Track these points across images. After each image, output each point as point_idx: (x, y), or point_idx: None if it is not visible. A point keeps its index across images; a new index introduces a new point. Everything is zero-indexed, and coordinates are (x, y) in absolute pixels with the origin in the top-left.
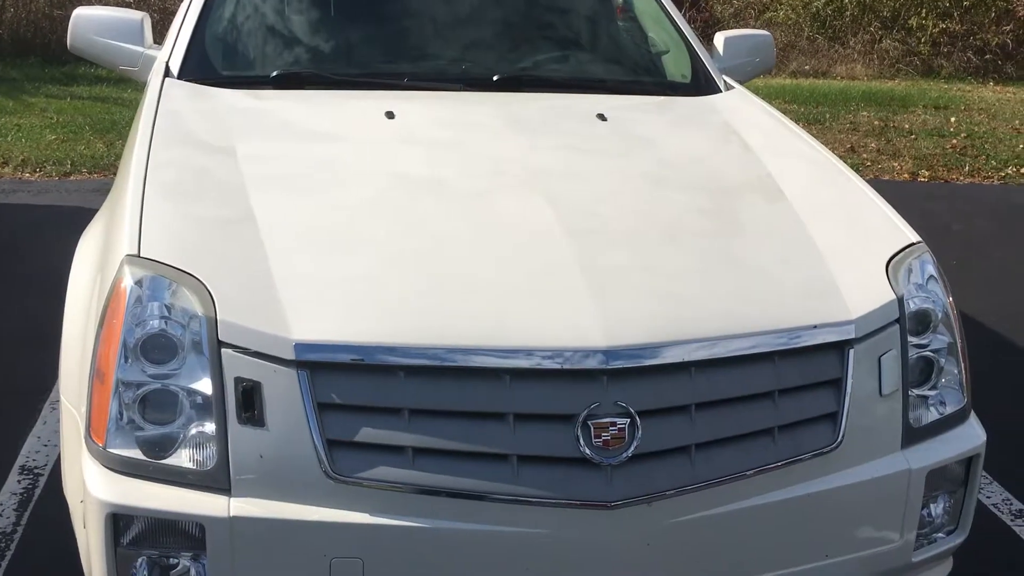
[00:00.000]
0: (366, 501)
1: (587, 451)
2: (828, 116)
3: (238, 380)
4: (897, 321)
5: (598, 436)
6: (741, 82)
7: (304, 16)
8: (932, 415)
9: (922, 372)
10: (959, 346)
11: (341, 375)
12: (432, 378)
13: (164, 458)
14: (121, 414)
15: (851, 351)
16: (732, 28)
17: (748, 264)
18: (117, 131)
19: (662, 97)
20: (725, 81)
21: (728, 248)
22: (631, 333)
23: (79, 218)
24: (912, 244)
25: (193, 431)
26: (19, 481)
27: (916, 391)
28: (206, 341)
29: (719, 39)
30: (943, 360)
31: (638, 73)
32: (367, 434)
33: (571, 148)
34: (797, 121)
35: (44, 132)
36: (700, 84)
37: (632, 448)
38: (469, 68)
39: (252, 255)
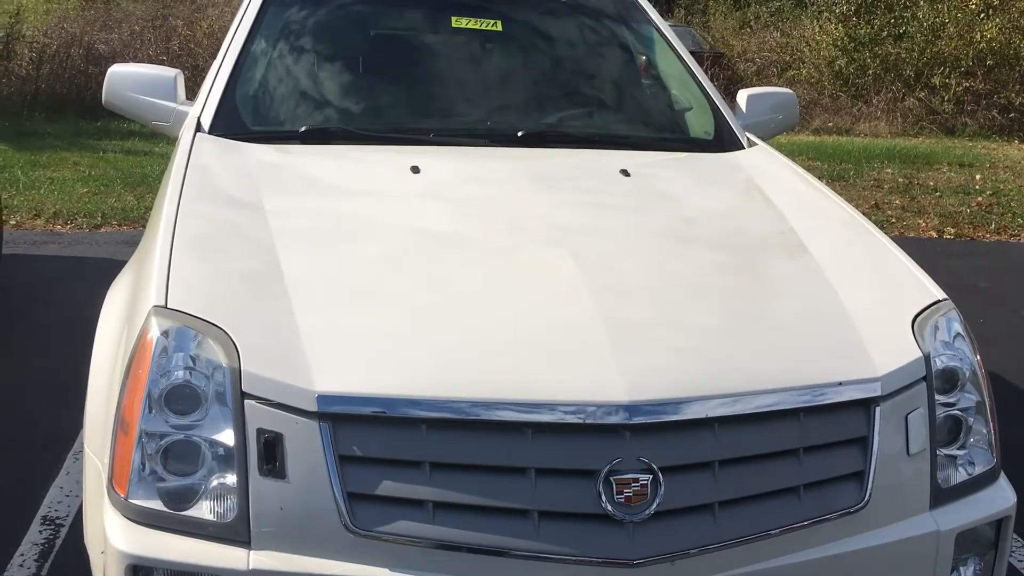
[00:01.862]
0: (386, 555)
1: (609, 507)
2: (852, 173)
3: (260, 431)
4: (924, 379)
5: (620, 492)
6: (764, 139)
7: (332, 74)
8: (961, 475)
9: (950, 431)
10: (988, 405)
11: (362, 428)
12: (453, 432)
13: (185, 510)
14: (144, 465)
15: (877, 409)
16: (755, 86)
17: (772, 321)
18: (147, 184)
19: (685, 154)
20: (748, 138)
21: (752, 305)
22: (654, 388)
23: (107, 269)
24: (938, 301)
25: (214, 483)
26: (40, 531)
27: (944, 450)
28: (229, 392)
29: (742, 96)
30: (971, 419)
31: (661, 130)
32: (388, 487)
33: (594, 204)
34: (821, 178)
35: (76, 185)
36: (723, 141)
37: (655, 505)
38: (494, 124)
39: (277, 307)
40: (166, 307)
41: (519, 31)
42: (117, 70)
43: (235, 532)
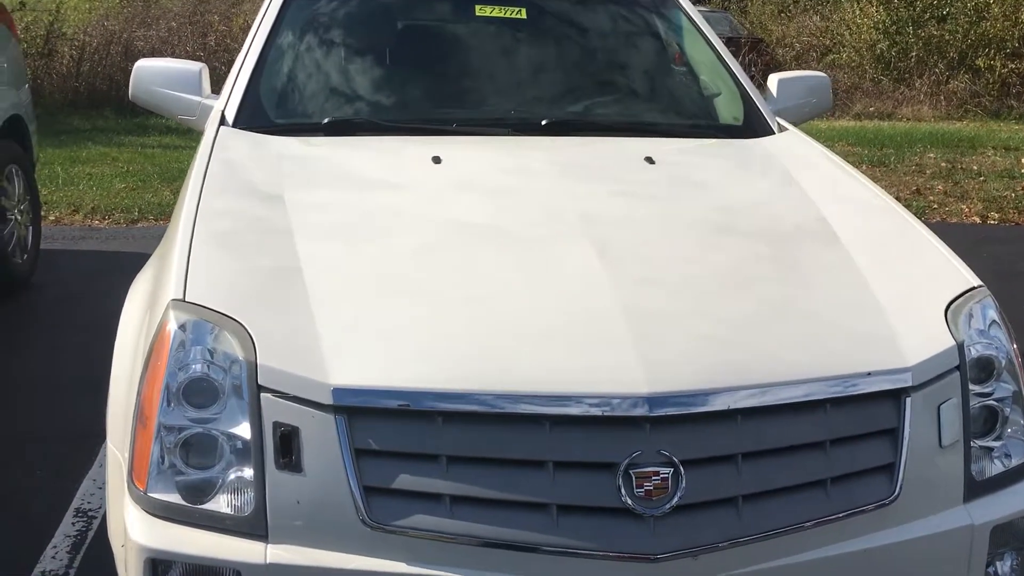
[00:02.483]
0: (403, 550)
1: (629, 501)
2: (893, 158)
3: (276, 425)
4: (957, 368)
5: (640, 486)
6: (797, 124)
7: (355, 65)
8: (996, 467)
9: (985, 422)
10: None
11: (378, 421)
12: (470, 425)
13: (203, 503)
14: (163, 458)
15: (908, 400)
16: (794, 71)
17: (800, 310)
18: (184, 179)
19: (714, 140)
20: (779, 123)
21: (779, 293)
22: (675, 379)
23: (142, 264)
24: (973, 288)
25: (232, 476)
26: (73, 523)
27: (979, 442)
28: (246, 385)
29: (772, 81)
30: (1008, 409)
31: (689, 116)
32: (404, 481)
33: (618, 193)
34: (861, 163)
35: (114, 180)
36: (753, 126)
37: (676, 499)
38: (518, 113)
39: (296, 300)
40: (184, 300)
41: (544, 19)
42: (143, 65)
43: (253, 526)
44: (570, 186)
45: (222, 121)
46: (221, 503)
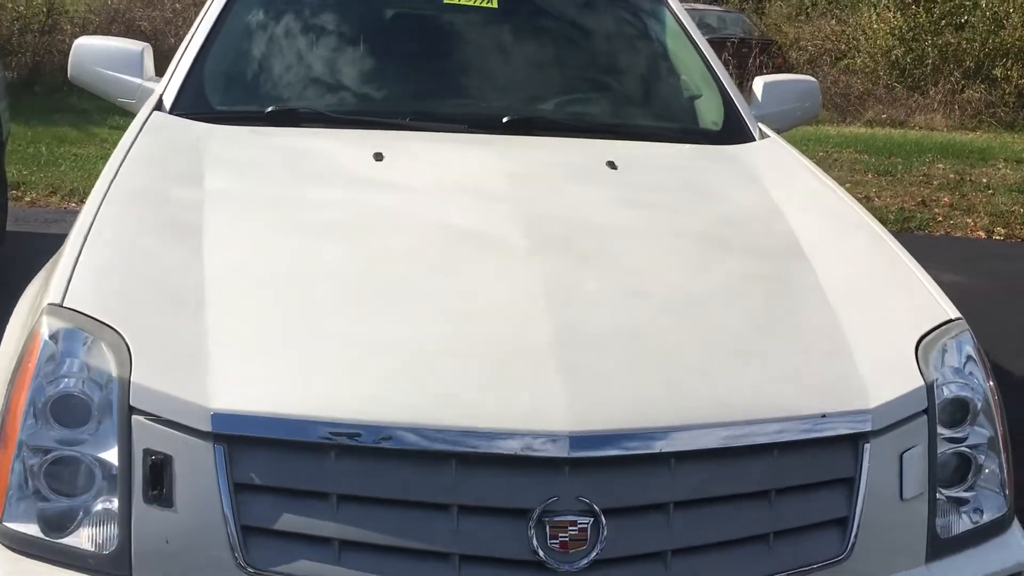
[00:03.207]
0: None
1: (541, 553)
2: (901, 167)
3: (147, 452)
4: (925, 412)
5: (555, 536)
6: (783, 130)
7: (307, 53)
8: (964, 523)
9: (956, 471)
10: (1001, 441)
11: (262, 452)
12: (365, 460)
13: (63, 537)
14: (25, 483)
15: (866, 446)
16: (807, 75)
17: (753, 342)
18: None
19: (687, 146)
20: (761, 129)
21: (732, 323)
22: (602, 417)
23: None
24: (950, 321)
25: (98, 508)
26: None
27: (948, 492)
28: (116, 405)
29: (758, 84)
30: (981, 457)
31: (666, 119)
32: (288, 521)
33: (570, 202)
34: (867, 172)
35: (99, 163)
36: (732, 132)
37: (595, 552)
38: (477, 109)
39: (191, 312)
40: (61, 306)
41: (517, 10)
42: (83, 43)
43: (115, 566)
44: (518, 193)
45: (158, 106)
46: (83, 538)
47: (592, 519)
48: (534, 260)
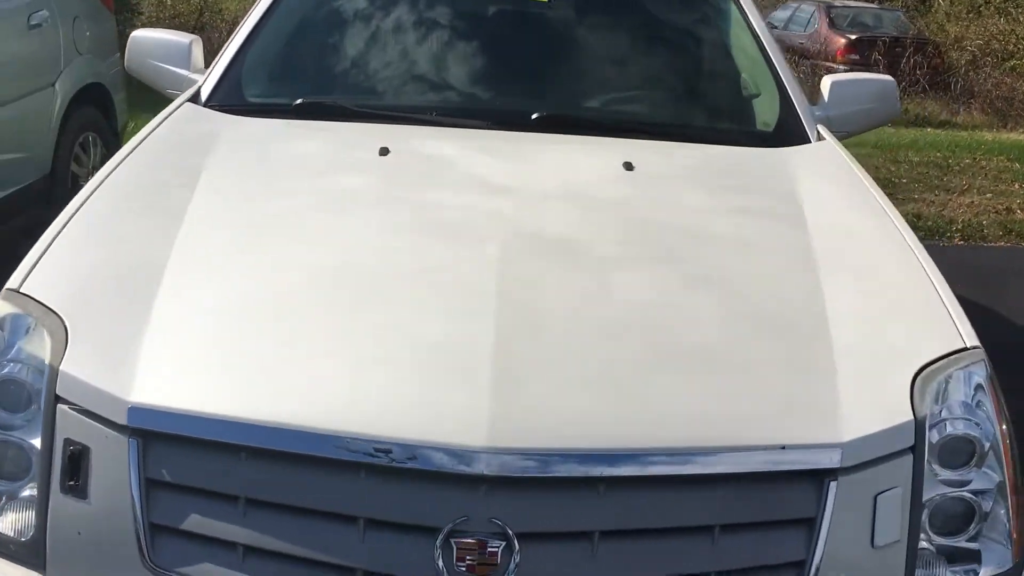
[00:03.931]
0: None
1: (446, 575)
2: None
3: (67, 442)
4: (911, 450)
5: (462, 559)
6: (852, 134)
7: (344, 47)
8: None
9: (956, 518)
10: (1010, 487)
11: (176, 450)
12: (276, 465)
13: None
14: None
15: (832, 484)
16: (966, 76)
17: (724, 363)
18: None
19: (725, 147)
20: (819, 132)
21: (706, 342)
22: (526, 435)
23: None
24: (964, 350)
25: (24, 494)
26: None
27: (943, 541)
28: (44, 392)
29: (825, 83)
30: (987, 504)
31: (712, 119)
32: (196, 523)
33: (570, 207)
34: (1013, 182)
35: None
36: (785, 134)
37: None
38: (506, 105)
39: (141, 302)
40: (17, 291)
41: (565, 2)
42: (139, 35)
43: (32, 553)
44: (513, 196)
45: (194, 97)
46: (6, 523)
47: (504, 543)
48: (500, 269)
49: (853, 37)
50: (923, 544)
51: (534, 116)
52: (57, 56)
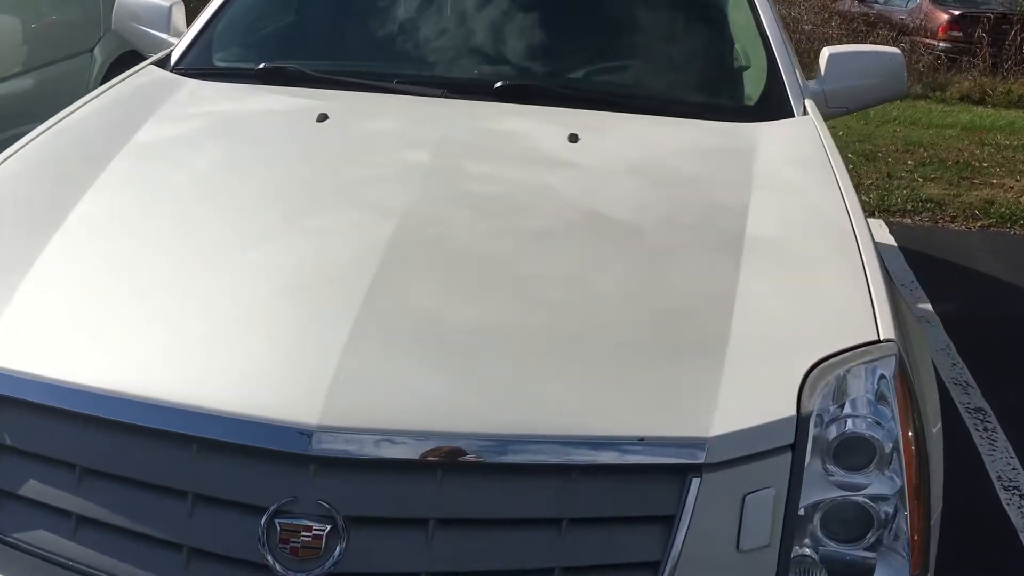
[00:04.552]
0: (23, 568)
1: (269, 558)
2: None
3: None
4: (791, 448)
5: (285, 541)
6: (852, 110)
7: (315, 11)
8: None
9: (850, 524)
10: (911, 493)
11: (20, 415)
12: (111, 435)
13: None
14: None
15: (695, 480)
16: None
17: (600, 348)
18: None
19: (700, 121)
20: (807, 107)
21: (591, 325)
22: (362, 415)
23: None
24: (873, 343)
25: None
26: None
27: (834, 548)
28: None
29: (823, 55)
30: (885, 512)
31: (689, 92)
32: (34, 489)
33: (492, 180)
34: None
35: None
36: (766, 109)
37: (330, 564)
38: (470, 72)
39: (21, 263)
40: None
41: None
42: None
43: None
44: (434, 167)
45: (163, 61)
46: None
47: (330, 526)
48: (388, 245)
49: (956, 13)
50: (804, 551)
51: (497, 85)
52: (97, 22)
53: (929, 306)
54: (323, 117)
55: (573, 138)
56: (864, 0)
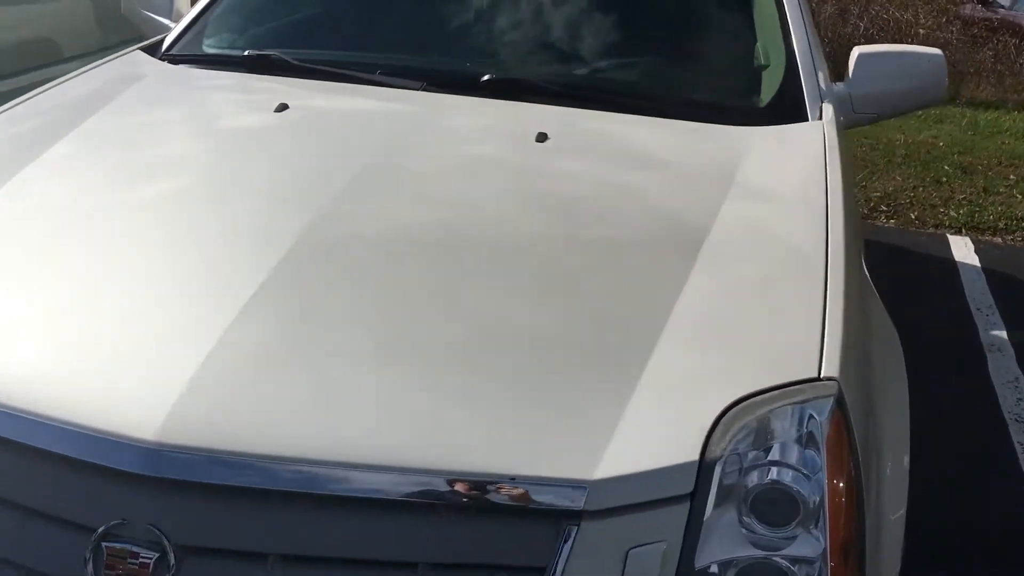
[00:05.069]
0: None
1: None
2: None
3: None
4: (690, 497)
5: (112, 566)
6: (882, 117)
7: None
8: None
9: None
10: (833, 556)
11: None
12: None
13: None
14: None
15: (573, 529)
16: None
17: (496, 373)
18: None
19: (693, 123)
20: (824, 110)
21: (495, 347)
22: (205, 434)
23: None
24: (807, 381)
25: None
26: None
27: None
28: None
29: (853, 55)
30: (804, 575)
31: (690, 92)
32: None
33: (440, 179)
34: None
35: None
36: (778, 112)
37: None
38: (451, 66)
39: None
40: None
41: None
42: None
43: None
44: (370, 165)
45: (153, 47)
46: None
47: (159, 555)
48: (291, 248)
49: None
50: None
51: (484, 79)
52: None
53: (1004, 334)
54: (282, 107)
55: (541, 138)
56: (988, 5)
